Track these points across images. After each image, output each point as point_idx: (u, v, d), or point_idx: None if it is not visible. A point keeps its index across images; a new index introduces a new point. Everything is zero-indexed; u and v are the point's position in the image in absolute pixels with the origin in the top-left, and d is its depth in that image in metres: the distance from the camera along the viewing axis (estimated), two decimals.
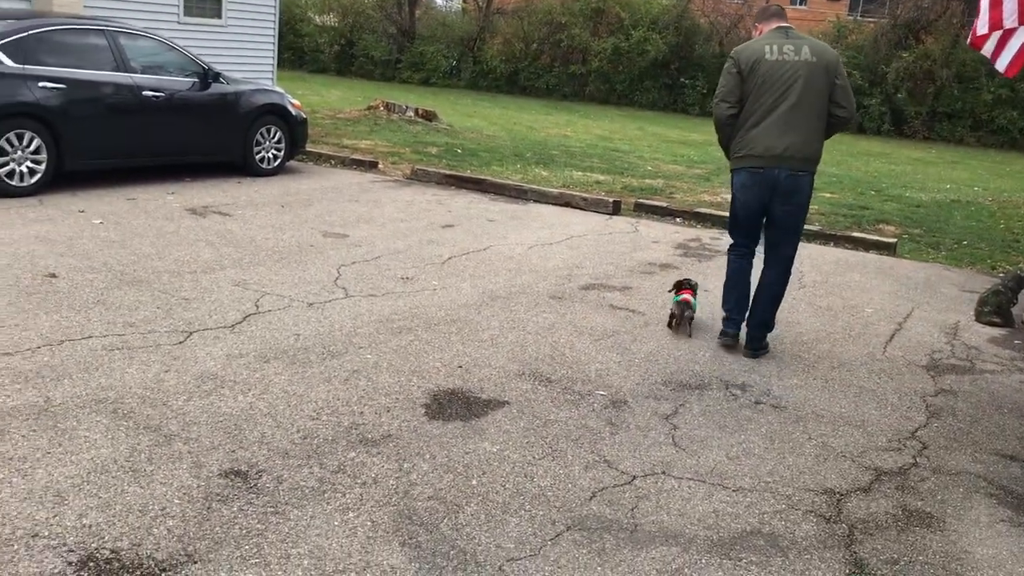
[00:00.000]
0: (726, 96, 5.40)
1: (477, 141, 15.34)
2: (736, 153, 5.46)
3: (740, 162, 5.45)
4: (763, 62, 5.30)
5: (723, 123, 5.47)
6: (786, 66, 5.28)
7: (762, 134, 5.31)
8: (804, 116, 5.28)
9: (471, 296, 6.33)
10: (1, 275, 5.74)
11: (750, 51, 5.37)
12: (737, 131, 5.43)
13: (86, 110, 8.45)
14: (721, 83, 5.44)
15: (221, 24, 14.68)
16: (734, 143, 5.47)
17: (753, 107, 5.33)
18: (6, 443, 3.59)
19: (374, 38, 33.34)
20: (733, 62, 5.39)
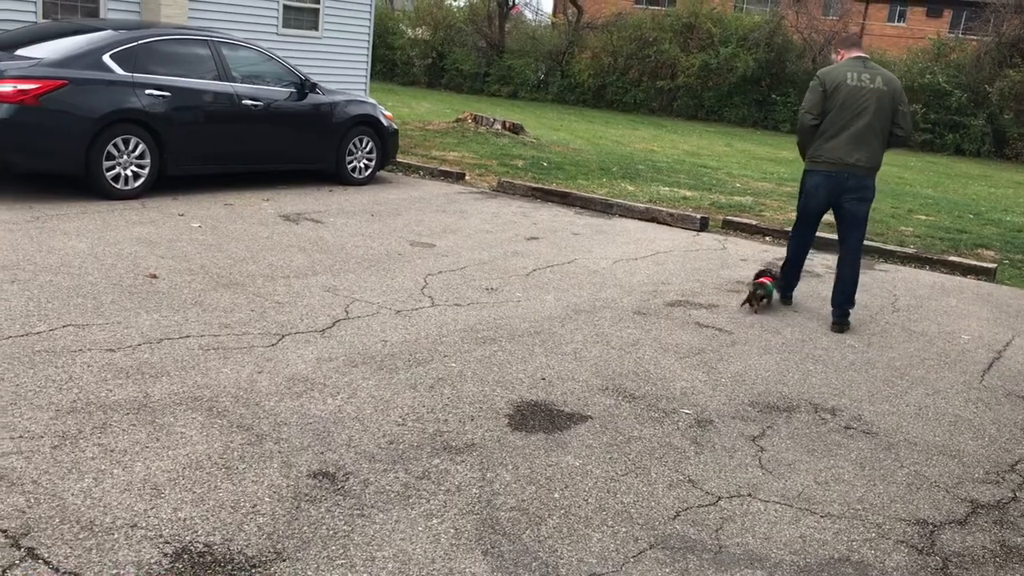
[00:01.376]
0: (811, 109, 6.47)
1: (563, 154, 15.37)
2: (813, 158, 6.56)
3: (816, 165, 6.56)
4: (844, 86, 6.36)
5: (806, 132, 6.55)
6: (863, 92, 6.36)
7: (837, 146, 6.42)
8: (872, 134, 6.39)
9: (555, 309, 6.34)
10: (106, 275, 5.98)
11: (834, 74, 6.43)
12: (816, 139, 6.51)
13: (188, 117, 8.77)
14: (808, 98, 6.52)
15: (318, 36, 15.07)
16: (812, 149, 6.56)
17: (832, 121, 6.41)
18: (108, 436, 3.74)
19: (464, 51, 33.73)
20: (819, 82, 6.45)
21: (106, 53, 8.30)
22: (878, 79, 6.40)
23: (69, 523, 3.08)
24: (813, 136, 6.51)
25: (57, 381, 4.21)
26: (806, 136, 6.56)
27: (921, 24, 37.00)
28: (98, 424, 3.83)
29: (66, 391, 4.12)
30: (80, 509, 3.17)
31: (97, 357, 4.55)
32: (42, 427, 3.75)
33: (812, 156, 6.57)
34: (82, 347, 4.66)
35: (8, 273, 5.77)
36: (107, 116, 8.09)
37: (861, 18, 40.20)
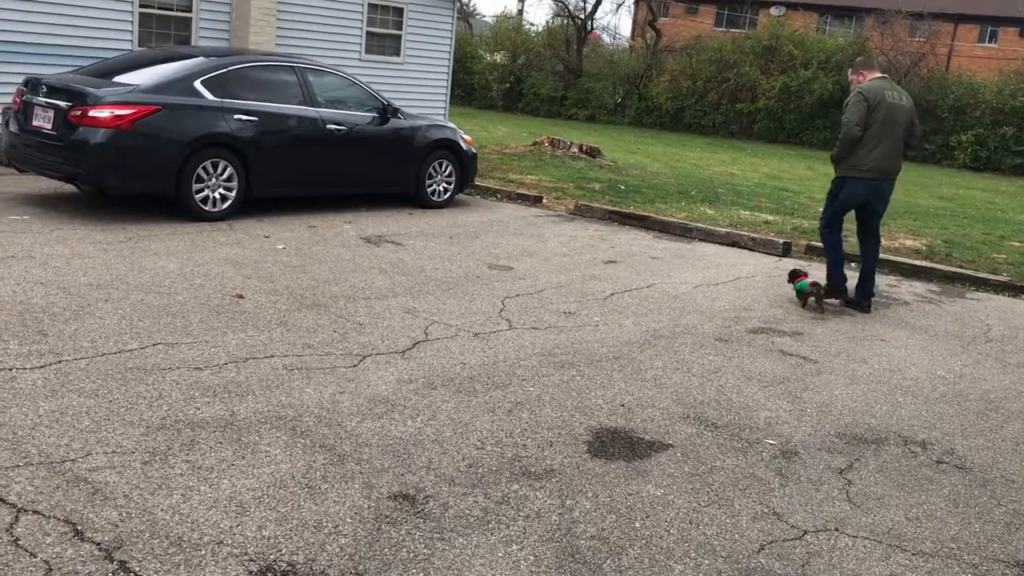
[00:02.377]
0: (858, 122, 7.13)
1: (640, 178, 15.29)
2: (855, 165, 7.26)
3: (857, 172, 7.28)
4: (884, 101, 7.18)
5: (851, 141, 7.18)
6: (899, 108, 7.26)
7: (879, 155, 7.21)
8: (901, 146, 7.34)
9: (633, 334, 6.28)
10: (195, 294, 6.15)
11: (875, 92, 7.18)
12: (858, 149, 7.20)
13: (275, 141, 8.99)
14: (854, 111, 7.15)
15: (399, 61, 15.35)
16: (852, 158, 7.25)
17: (874, 134, 7.15)
18: (195, 453, 3.82)
19: (542, 76, 33.95)
20: (863, 98, 7.15)
21: (197, 79, 8.58)
22: (904, 97, 7.38)
23: (159, 538, 3.15)
24: (855, 145, 7.19)
25: (148, 398, 4.33)
26: (850, 146, 7.20)
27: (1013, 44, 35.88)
28: (186, 441, 3.92)
29: (156, 408, 4.23)
30: (169, 525, 3.24)
31: (186, 375, 4.67)
32: (133, 443, 3.85)
33: (854, 164, 7.26)
34: (171, 365, 4.79)
35: (103, 292, 5.97)
36: (197, 140, 8.36)
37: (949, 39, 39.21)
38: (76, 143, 7.95)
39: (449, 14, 16.12)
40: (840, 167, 7.40)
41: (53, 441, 3.79)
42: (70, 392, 4.30)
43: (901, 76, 28.55)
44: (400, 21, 15.27)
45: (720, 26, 44.20)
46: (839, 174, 7.45)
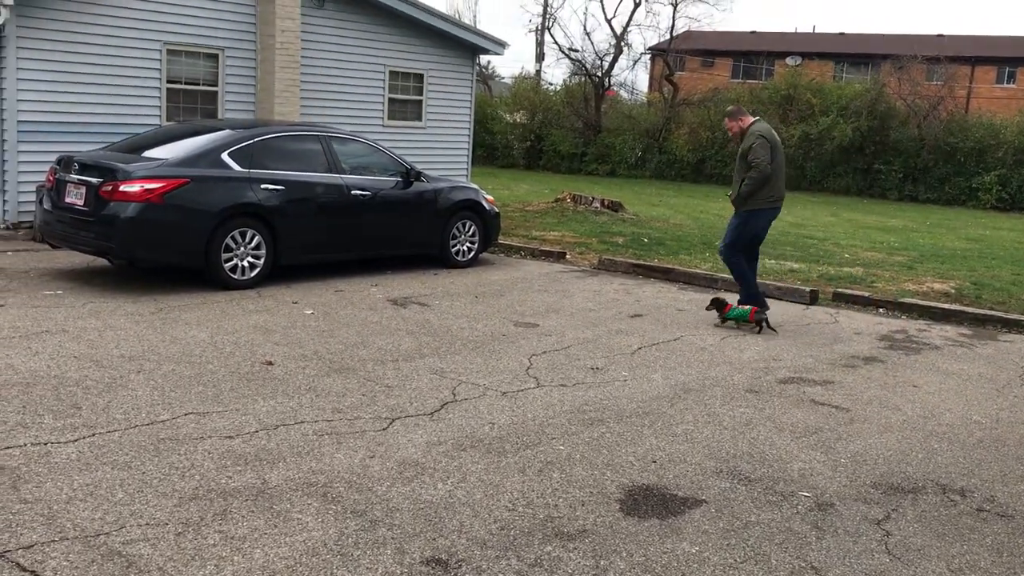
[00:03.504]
0: (769, 161, 8.08)
1: (663, 230, 15.33)
2: (765, 198, 8.22)
3: (767, 203, 8.29)
4: (776, 140, 8.32)
5: (765, 179, 8.08)
6: (780, 144, 8.45)
7: (780, 186, 8.36)
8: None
9: (663, 388, 6.25)
10: (225, 363, 6.21)
11: (770, 133, 8.28)
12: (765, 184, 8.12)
13: (301, 209, 9.14)
14: (762, 153, 8.05)
15: (421, 126, 15.60)
16: (761, 192, 8.14)
17: (775, 169, 8.17)
18: (228, 523, 3.83)
19: (561, 133, 34.28)
20: (765, 139, 8.11)
21: (224, 151, 8.77)
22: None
23: None
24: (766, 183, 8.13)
25: (180, 468, 4.36)
26: (762, 184, 8.10)
27: None
28: (219, 511, 3.93)
29: (188, 478, 4.25)
30: None
31: (217, 444, 4.70)
32: (166, 514, 3.87)
33: (764, 197, 8.21)
34: (203, 434, 4.82)
35: (135, 364, 6.05)
36: (225, 210, 8.51)
37: (968, 81, 39.28)
38: (107, 218, 8.12)
39: (468, 78, 16.41)
40: (750, 203, 8.20)
41: (87, 515, 3.82)
42: (104, 465, 4.34)
43: (920, 120, 28.58)
44: (421, 87, 15.56)
45: (737, 78, 44.61)
46: (749, 208, 8.25)
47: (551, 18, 39.01)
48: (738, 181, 8.25)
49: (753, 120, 8.39)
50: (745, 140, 8.25)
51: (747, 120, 8.41)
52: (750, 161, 8.07)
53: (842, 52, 46.76)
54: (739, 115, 8.51)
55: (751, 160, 8.06)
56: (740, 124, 8.39)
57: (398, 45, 15.03)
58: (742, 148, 8.24)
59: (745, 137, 8.28)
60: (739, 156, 8.31)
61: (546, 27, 39.05)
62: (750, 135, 8.20)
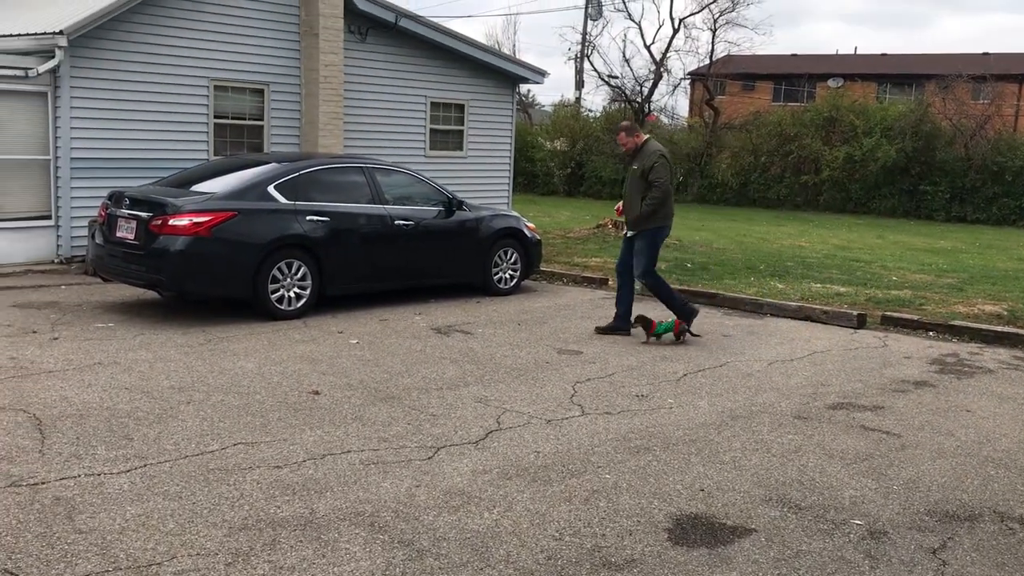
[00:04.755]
0: (671, 180, 8.50)
1: (707, 254, 15.24)
2: (665, 215, 8.58)
3: (666, 220, 8.67)
4: (670, 157, 8.70)
5: (668, 197, 8.48)
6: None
7: (672, 202, 8.71)
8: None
9: (709, 415, 6.19)
10: (272, 393, 6.29)
11: (666, 151, 8.63)
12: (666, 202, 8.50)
13: (346, 240, 9.26)
14: (665, 172, 8.41)
15: (462, 155, 15.74)
16: (663, 210, 8.47)
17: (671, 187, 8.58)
18: (277, 553, 3.86)
19: (602, 159, 34.32)
20: (666, 159, 8.50)
21: (270, 184, 8.92)
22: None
23: None
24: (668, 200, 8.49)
25: (229, 498, 4.41)
26: (665, 201, 8.42)
27: None
28: (268, 541, 3.96)
29: (238, 508, 4.30)
30: None
31: (265, 474, 4.75)
32: (217, 544, 3.91)
33: (665, 215, 8.56)
34: (252, 465, 4.88)
35: (184, 395, 6.15)
36: (272, 243, 8.65)
37: (1016, 99, 38.66)
38: (157, 251, 8.29)
39: (508, 107, 16.54)
40: (651, 220, 8.49)
41: (140, 545, 3.87)
42: (155, 495, 4.41)
43: (967, 139, 28.14)
44: (461, 116, 15.71)
45: (778, 101, 44.36)
46: (654, 225, 8.54)
47: (590, 46, 39.17)
48: (636, 199, 8.49)
49: (647, 137, 8.66)
50: (644, 159, 8.48)
51: (641, 137, 8.64)
52: (652, 181, 8.36)
53: (884, 73, 46.32)
54: (635, 131, 8.71)
55: (654, 180, 8.35)
56: (635, 140, 8.61)
57: (439, 76, 15.21)
58: (641, 167, 8.47)
59: (642, 155, 8.53)
60: (635, 175, 8.54)
61: (585, 55, 39.22)
62: (650, 154, 8.45)
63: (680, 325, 8.44)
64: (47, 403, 5.80)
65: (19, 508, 4.19)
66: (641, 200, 8.44)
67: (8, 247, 11.11)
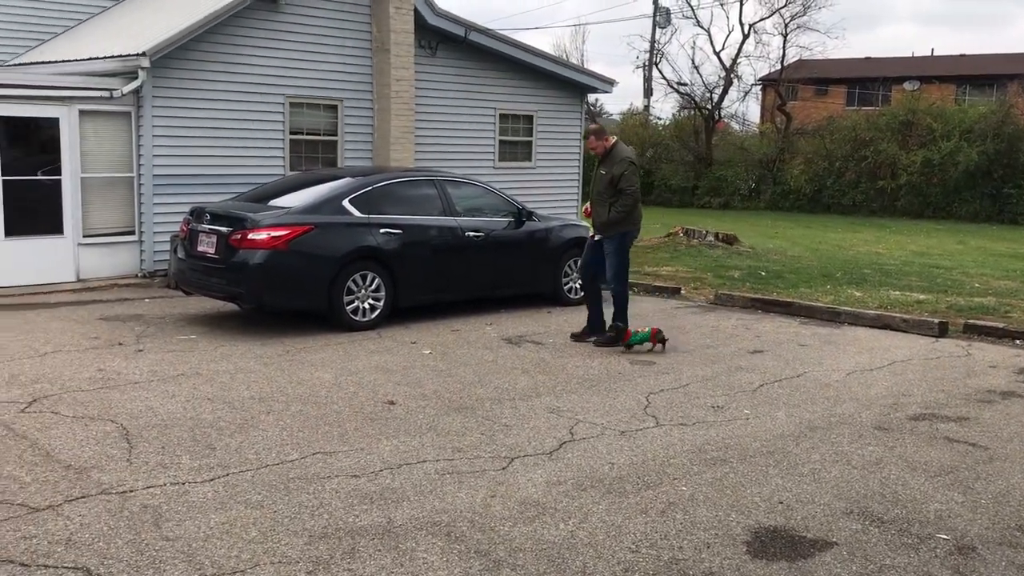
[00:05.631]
0: (639, 186, 8.58)
1: (781, 263, 15.00)
2: (634, 220, 8.58)
3: (635, 225, 8.67)
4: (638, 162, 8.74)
5: (637, 202, 8.51)
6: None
7: (640, 207, 8.70)
8: None
9: (787, 426, 6.09)
10: (349, 403, 6.39)
11: (635, 155, 8.69)
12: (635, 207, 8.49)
13: (418, 251, 9.37)
14: (635, 178, 8.44)
15: (531, 166, 15.79)
16: (631, 215, 8.47)
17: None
18: (356, 561, 3.92)
19: (672, 167, 34.11)
20: (636, 165, 8.54)
21: (345, 198, 9.09)
22: None
23: None
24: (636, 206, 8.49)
25: (309, 507, 4.49)
26: (634, 207, 8.42)
27: None
28: (347, 550, 4.03)
29: (317, 517, 4.38)
30: None
31: (344, 483, 4.82)
32: (298, 552, 3.99)
33: (634, 220, 8.56)
34: (330, 474, 4.96)
35: (264, 405, 6.29)
36: (347, 255, 8.80)
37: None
38: (236, 265, 8.51)
39: (577, 117, 16.55)
40: (620, 226, 8.44)
41: (224, 552, 3.97)
42: (238, 504, 4.52)
43: None
44: (530, 128, 15.77)
45: (852, 105, 43.44)
46: (621, 231, 8.48)
47: (658, 53, 38.94)
48: (604, 204, 8.44)
49: (615, 140, 8.62)
50: (614, 165, 8.43)
51: (610, 140, 8.59)
52: (622, 188, 8.32)
53: (963, 74, 44.94)
54: (603, 135, 8.65)
55: (624, 187, 8.32)
56: (604, 144, 8.56)
57: (508, 88, 15.30)
58: (610, 173, 8.42)
59: (611, 159, 8.49)
60: (604, 179, 8.48)
61: (654, 63, 39.02)
62: (620, 161, 8.42)
63: (657, 334, 8.32)
64: (134, 413, 5.99)
65: (109, 515, 4.33)
66: (609, 205, 8.38)
67: (96, 262, 11.51)
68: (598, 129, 8.83)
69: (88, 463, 5.04)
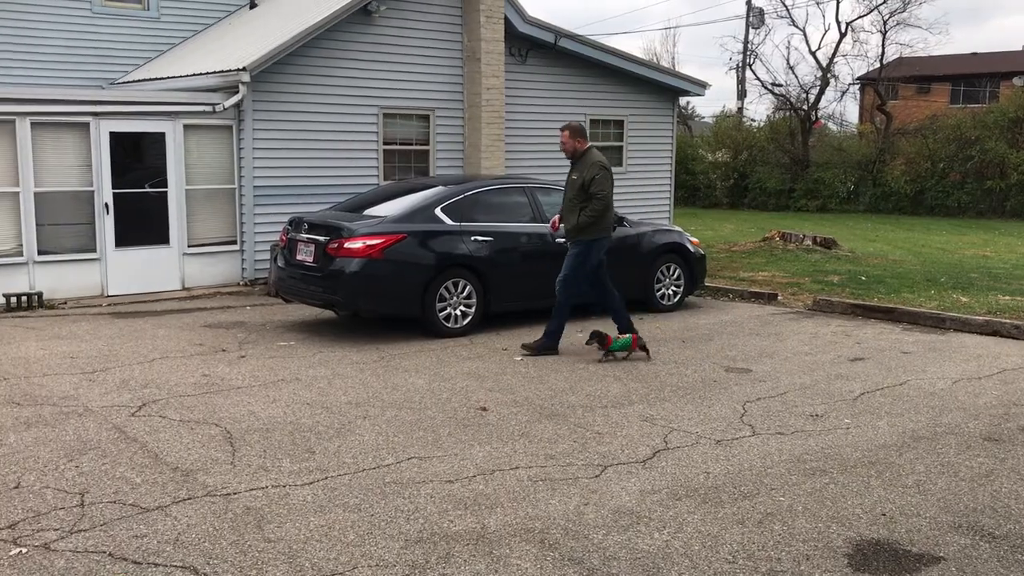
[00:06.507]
0: (611, 191, 8.28)
1: (882, 267, 14.54)
2: (604, 227, 8.34)
3: (606, 232, 8.39)
4: (610, 168, 8.41)
5: (608, 208, 8.28)
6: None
7: (612, 213, 8.53)
8: None
9: (889, 436, 5.90)
10: (442, 408, 6.46)
11: (607, 161, 8.44)
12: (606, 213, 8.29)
13: (509, 258, 9.43)
14: (606, 183, 8.19)
15: (622, 171, 15.69)
16: (602, 221, 8.26)
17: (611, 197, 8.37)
18: (451, 566, 3.96)
19: (767, 169, 33.41)
20: (607, 170, 8.27)
21: (437, 207, 9.21)
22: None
23: None
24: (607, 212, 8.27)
25: (405, 511, 4.56)
26: (605, 213, 8.23)
27: None
28: (442, 554, 4.07)
29: (413, 521, 4.44)
30: None
31: (438, 488, 4.88)
32: (394, 556, 4.06)
33: (604, 227, 8.32)
34: (425, 479, 5.03)
35: (361, 410, 6.41)
36: (439, 263, 8.93)
37: None
38: (333, 273, 8.71)
39: (669, 120, 16.40)
40: (589, 232, 8.24)
41: (323, 555, 4.07)
42: (336, 507, 4.62)
43: None
44: (621, 132, 15.70)
45: (956, 103, 41.82)
46: (590, 237, 8.27)
47: (752, 54, 38.30)
48: (574, 210, 8.28)
49: (589, 146, 8.45)
50: (585, 169, 8.26)
51: (584, 144, 8.44)
52: (593, 192, 8.14)
53: None
54: (579, 135, 8.45)
55: (595, 191, 8.14)
56: (576, 145, 8.40)
57: (598, 93, 15.27)
58: (581, 177, 8.24)
59: (582, 164, 8.32)
60: (575, 184, 8.30)
61: (747, 64, 38.38)
62: (592, 165, 8.23)
63: (637, 340, 8.13)
64: (236, 417, 6.19)
65: (214, 516, 4.48)
66: (580, 210, 8.22)
67: (199, 271, 11.94)
68: (577, 128, 8.54)
69: (194, 465, 5.22)
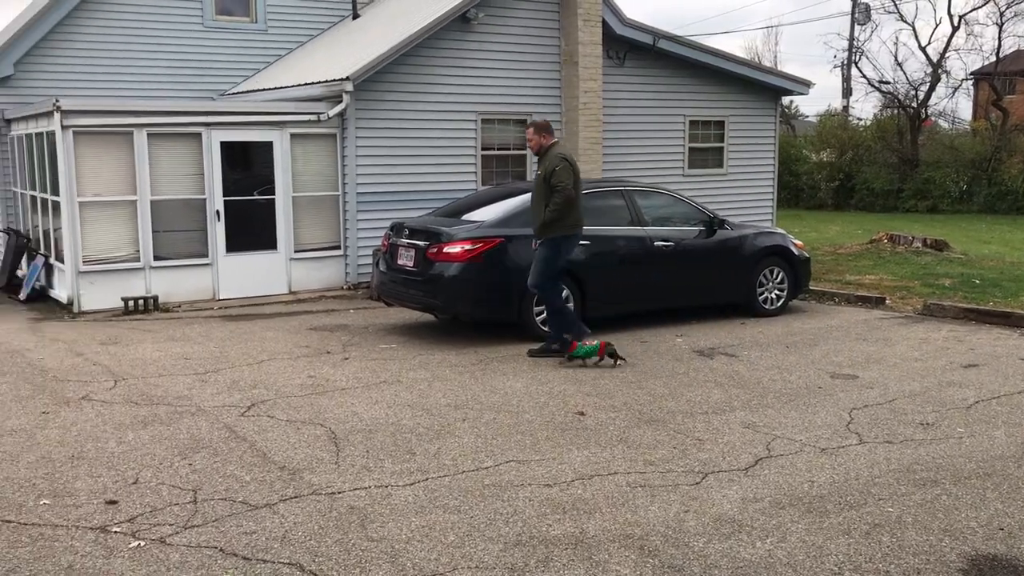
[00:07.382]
0: (574, 185, 8.02)
1: (998, 270, 13.90)
2: (572, 224, 8.16)
3: (575, 229, 8.23)
4: (576, 163, 8.27)
5: (571, 203, 8.02)
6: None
7: (581, 210, 8.27)
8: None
9: (1007, 446, 5.64)
10: (540, 412, 6.49)
11: (572, 156, 8.39)
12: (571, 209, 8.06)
13: (607, 262, 9.38)
14: (567, 176, 7.95)
15: (723, 172, 15.48)
16: (568, 218, 8.07)
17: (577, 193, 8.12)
18: (550, 570, 3.97)
19: (874, 169, 32.34)
20: (570, 164, 8.08)
21: None
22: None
23: None
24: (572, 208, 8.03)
25: (504, 514, 4.60)
26: (568, 208, 7.99)
27: None
28: (541, 558, 4.09)
29: (512, 524, 4.47)
30: None
31: (536, 492, 4.90)
32: (493, 558, 4.09)
33: (572, 224, 8.13)
34: (523, 482, 5.06)
35: (460, 412, 6.49)
36: None
37: None
38: (433, 277, 8.84)
39: (771, 120, 16.06)
40: (556, 228, 8.04)
41: (424, 555, 4.13)
42: (436, 508, 4.69)
43: None
44: (721, 133, 15.46)
45: None
46: (559, 234, 8.07)
47: (858, 51, 37.16)
48: (540, 206, 8.11)
49: (554, 141, 8.34)
50: (547, 163, 8.13)
51: (549, 140, 8.31)
52: (553, 184, 7.95)
53: None
54: (544, 131, 8.33)
55: (554, 183, 7.94)
56: (542, 141, 8.28)
57: (697, 94, 15.08)
58: (544, 171, 8.12)
59: (546, 159, 8.19)
60: (539, 179, 8.19)
61: (853, 61, 37.26)
62: (552, 157, 8.10)
63: (606, 347, 7.87)
64: (340, 418, 6.34)
65: (320, 515, 4.61)
66: (545, 206, 8.02)
67: (305, 275, 12.28)
68: (542, 124, 8.42)
69: (300, 465, 5.38)
